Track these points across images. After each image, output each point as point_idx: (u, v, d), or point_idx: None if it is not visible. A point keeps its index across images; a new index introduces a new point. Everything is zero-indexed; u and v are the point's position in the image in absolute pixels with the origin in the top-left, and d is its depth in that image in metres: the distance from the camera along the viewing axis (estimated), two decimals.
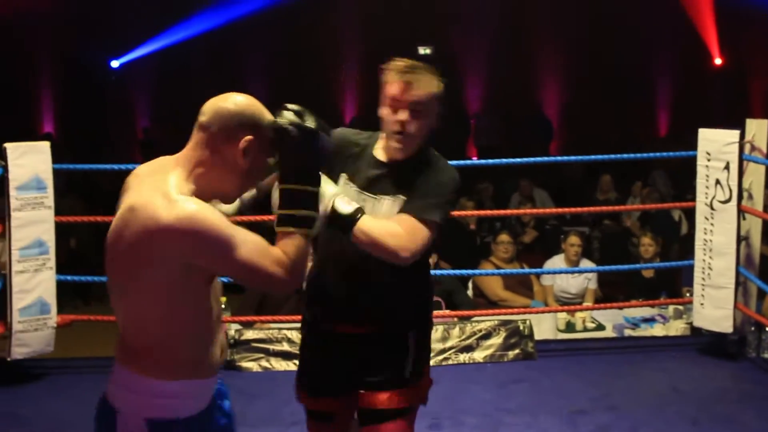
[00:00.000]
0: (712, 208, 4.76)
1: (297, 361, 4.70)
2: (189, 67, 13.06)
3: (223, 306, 5.19)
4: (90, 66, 13.02)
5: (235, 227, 1.89)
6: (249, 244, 1.88)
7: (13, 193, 4.31)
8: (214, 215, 1.85)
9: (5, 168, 4.32)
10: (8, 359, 4.41)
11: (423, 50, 13.57)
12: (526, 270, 6.14)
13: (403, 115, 2.52)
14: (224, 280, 3.95)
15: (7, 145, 4.35)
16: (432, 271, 5.33)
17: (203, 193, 1.93)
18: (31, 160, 4.39)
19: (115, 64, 13.47)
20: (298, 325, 4.80)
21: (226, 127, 1.92)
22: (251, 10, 12.69)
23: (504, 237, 6.25)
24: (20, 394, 4.38)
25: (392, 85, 2.53)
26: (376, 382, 2.59)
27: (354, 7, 12.98)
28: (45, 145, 4.50)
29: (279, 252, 1.93)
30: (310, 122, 1.99)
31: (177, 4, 12.65)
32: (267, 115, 1.99)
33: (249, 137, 1.93)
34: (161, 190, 1.86)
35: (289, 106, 2.04)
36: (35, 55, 12.99)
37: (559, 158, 9.05)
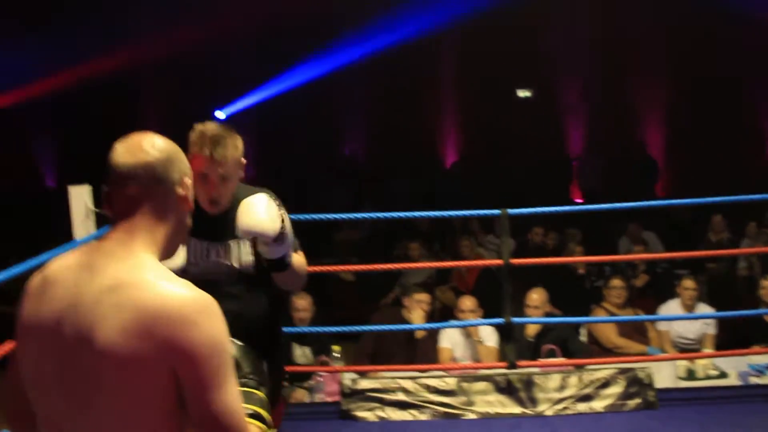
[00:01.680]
0: None
1: (413, 411, 4.70)
2: (288, 117, 13.32)
3: (338, 355, 5.24)
4: (195, 116, 13.37)
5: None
6: (233, 385, 1.55)
7: None
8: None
9: None
10: None
11: (522, 93, 13.51)
12: (643, 317, 5.97)
13: (213, 190, 2.68)
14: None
15: None
16: (545, 319, 5.27)
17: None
18: None
19: (220, 114, 13.87)
20: (413, 374, 4.82)
21: (163, 178, 1.65)
22: (348, 60, 12.91)
23: (616, 282, 6.12)
24: None
25: (197, 160, 2.64)
26: None
27: (452, 50, 13.05)
28: None
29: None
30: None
31: (276, 57, 12.96)
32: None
33: (186, 179, 1.70)
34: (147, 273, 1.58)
35: None
36: (142, 105, 13.51)
37: (668, 201, 8.77)
